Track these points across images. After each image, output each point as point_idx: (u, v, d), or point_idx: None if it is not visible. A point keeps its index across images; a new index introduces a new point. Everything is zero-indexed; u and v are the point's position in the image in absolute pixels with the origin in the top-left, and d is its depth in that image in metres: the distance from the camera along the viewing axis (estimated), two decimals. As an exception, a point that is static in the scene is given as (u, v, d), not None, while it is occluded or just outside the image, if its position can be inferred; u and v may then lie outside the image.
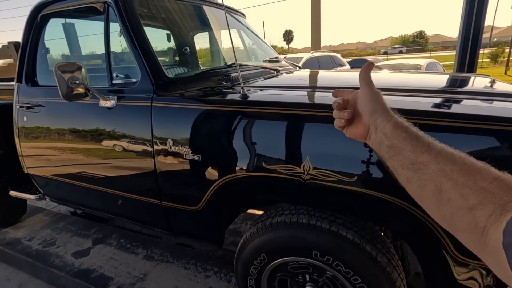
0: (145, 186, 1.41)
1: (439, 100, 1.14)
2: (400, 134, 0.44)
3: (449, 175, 0.37)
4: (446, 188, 0.37)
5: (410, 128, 0.45)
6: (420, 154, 0.41)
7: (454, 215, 0.36)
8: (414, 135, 0.43)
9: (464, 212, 0.35)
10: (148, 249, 2.13)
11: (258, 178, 1.10)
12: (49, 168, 1.78)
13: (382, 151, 0.47)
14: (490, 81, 1.57)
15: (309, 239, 1.07)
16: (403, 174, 0.43)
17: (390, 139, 0.45)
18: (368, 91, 0.51)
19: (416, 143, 0.42)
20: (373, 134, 0.49)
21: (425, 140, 0.42)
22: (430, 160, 0.39)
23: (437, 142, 0.42)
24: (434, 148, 0.40)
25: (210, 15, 2.13)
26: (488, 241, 0.33)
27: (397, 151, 0.43)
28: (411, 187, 0.42)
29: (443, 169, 0.38)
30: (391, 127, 0.45)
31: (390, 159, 0.45)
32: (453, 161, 0.38)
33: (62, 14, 1.78)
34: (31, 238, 2.36)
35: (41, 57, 1.78)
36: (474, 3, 2.86)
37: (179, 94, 1.33)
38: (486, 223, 0.33)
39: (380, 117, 0.48)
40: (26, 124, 1.76)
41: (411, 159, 0.41)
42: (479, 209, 0.34)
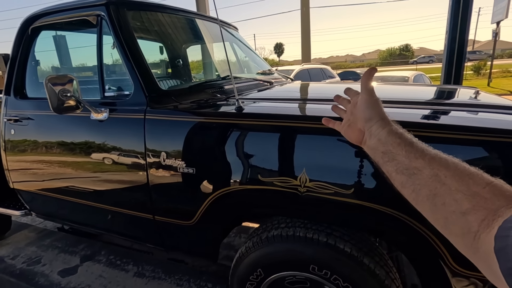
0: (138, 200, 1.38)
1: (428, 111, 1.16)
2: (394, 140, 0.45)
3: (443, 181, 0.38)
4: (440, 193, 0.37)
5: (404, 135, 0.46)
6: (414, 159, 0.41)
7: (448, 220, 0.37)
8: (408, 141, 0.44)
9: (458, 217, 0.35)
10: (139, 266, 2.06)
11: (254, 191, 1.09)
12: (37, 182, 1.72)
13: (377, 157, 0.48)
14: (477, 93, 1.61)
15: (306, 253, 1.06)
16: (397, 179, 0.44)
17: (385, 145, 0.46)
18: (366, 98, 0.53)
19: (410, 149, 0.43)
20: (368, 139, 0.50)
21: (419, 146, 0.43)
22: (424, 165, 0.40)
23: (431, 148, 0.43)
24: (428, 154, 0.41)
25: (202, 28, 2.15)
26: (480, 246, 0.33)
27: (391, 156, 0.45)
28: (406, 191, 0.43)
29: (437, 174, 0.38)
30: (386, 134, 0.47)
31: (384, 164, 0.46)
32: (447, 166, 0.39)
33: (54, 27, 1.76)
34: (14, 256, 2.26)
35: (31, 70, 1.75)
36: (458, 18, 2.98)
37: (172, 106, 1.32)
38: (479, 228, 0.33)
39: (375, 124, 0.50)
40: (13, 138, 1.71)
41: (405, 164, 0.42)
42: (472, 214, 0.34)
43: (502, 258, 0.30)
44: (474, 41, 30.32)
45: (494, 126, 0.89)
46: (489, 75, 15.63)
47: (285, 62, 57.81)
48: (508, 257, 0.30)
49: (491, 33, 16.40)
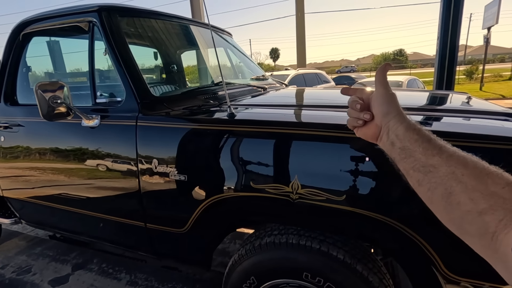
0: (129, 207, 1.36)
1: (421, 117, 1.17)
2: (412, 136, 0.44)
3: (460, 179, 0.36)
4: (456, 191, 0.36)
5: (422, 131, 0.45)
6: (431, 156, 0.41)
7: (463, 219, 0.36)
8: (426, 138, 0.43)
9: (474, 217, 0.34)
10: (131, 274, 2.03)
11: (246, 198, 1.08)
12: (27, 190, 1.69)
13: (394, 153, 0.47)
14: (468, 99, 1.63)
15: (299, 260, 1.05)
16: (414, 176, 0.42)
17: (402, 141, 0.45)
18: (383, 92, 0.51)
19: (428, 146, 0.42)
20: (385, 135, 0.49)
21: (437, 143, 0.42)
22: (441, 163, 0.39)
23: (449, 146, 0.42)
24: (446, 151, 0.40)
25: (196, 34, 2.15)
26: (498, 247, 0.32)
27: (408, 153, 0.44)
28: (422, 189, 0.42)
29: (453, 172, 0.37)
30: (404, 129, 0.46)
31: (401, 161, 0.45)
32: (465, 164, 0.37)
33: (45, 33, 1.75)
34: (4, 266, 2.21)
35: (22, 76, 1.73)
36: (448, 24, 3.04)
37: (165, 113, 1.31)
38: (496, 228, 0.32)
39: (393, 119, 0.48)
40: (3, 145, 1.68)
41: (422, 161, 0.41)
42: (489, 214, 0.33)
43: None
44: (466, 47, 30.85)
45: (485, 132, 0.89)
46: (481, 79, 15.88)
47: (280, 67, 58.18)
48: None
49: (483, 38, 16.72)
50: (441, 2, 3.06)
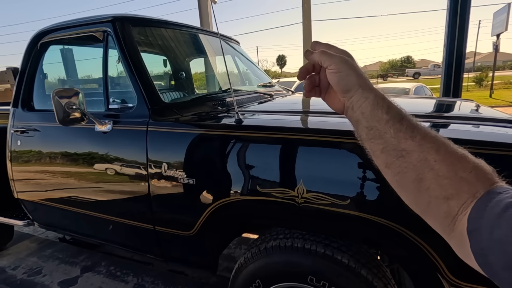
0: (139, 210, 1.40)
1: (428, 124, 1.18)
2: (381, 116, 0.40)
3: (432, 165, 0.36)
4: (427, 178, 0.36)
5: (392, 108, 0.41)
6: (403, 140, 0.38)
7: (430, 203, 0.36)
8: (398, 117, 0.40)
9: (441, 202, 0.35)
10: (139, 277, 2.05)
11: (253, 202, 1.10)
12: (41, 192, 1.75)
13: (360, 131, 0.43)
14: (475, 106, 1.64)
15: (304, 264, 1.06)
16: (382, 158, 0.40)
17: (369, 120, 0.41)
18: (334, 68, 0.43)
19: (400, 127, 0.39)
20: (350, 110, 0.44)
21: (409, 123, 0.39)
22: (413, 147, 0.38)
23: (421, 124, 0.40)
24: (418, 133, 0.38)
25: (205, 42, 2.21)
26: (456, 227, 0.34)
27: (377, 134, 0.40)
28: (389, 172, 0.40)
29: (426, 158, 0.37)
30: (370, 107, 0.41)
31: (368, 141, 0.42)
32: (437, 149, 0.37)
33: (62, 42, 1.83)
34: (16, 267, 2.26)
35: (38, 83, 1.81)
36: (455, 32, 3.04)
37: (174, 119, 1.36)
38: (458, 211, 0.34)
39: (355, 94, 0.43)
40: (19, 148, 1.75)
41: (393, 144, 0.39)
42: (455, 199, 0.34)
43: (474, 239, 0.31)
44: (475, 53, 30.53)
45: (493, 139, 0.90)
46: (491, 86, 15.68)
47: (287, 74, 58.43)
48: (480, 238, 0.31)
49: (492, 45, 16.56)
50: (447, 10, 3.07)
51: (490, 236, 0.29)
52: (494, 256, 0.29)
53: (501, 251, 0.28)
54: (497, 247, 0.28)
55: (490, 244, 0.29)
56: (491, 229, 0.29)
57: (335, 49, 0.46)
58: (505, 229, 0.28)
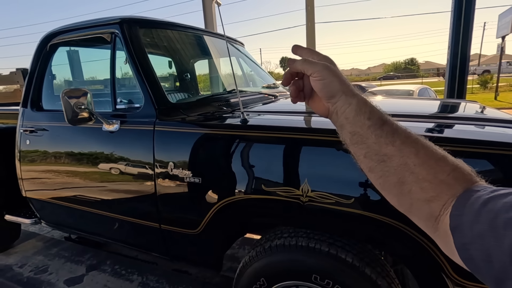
0: (145, 209, 1.42)
1: (433, 124, 1.19)
2: (363, 121, 0.42)
3: (412, 169, 0.38)
4: (408, 181, 0.38)
5: (374, 113, 0.42)
6: (384, 145, 0.40)
7: (413, 205, 0.39)
8: (379, 123, 0.41)
9: (422, 204, 0.37)
10: (143, 276, 2.07)
11: (258, 201, 1.12)
12: (48, 191, 1.78)
13: (344, 136, 0.45)
14: (479, 107, 1.64)
15: (309, 262, 1.07)
16: (365, 163, 0.43)
17: (353, 125, 0.43)
18: (318, 76, 0.44)
19: (381, 133, 0.41)
20: (334, 115, 0.46)
21: (390, 128, 0.41)
22: (394, 152, 0.39)
23: (402, 128, 0.41)
24: (398, 138, 0.40)
25: (210, 44, 2.24)
26: (439, 226, 0.36)
27: (360, 139, 0.42)
28: (373, 176, 0.42)
29: (406, 163, 0.38)
30: (354, 113, 0.43)
31: (352, 146, 0.44)
32: (416, 153, 0.38)
33: (71, 43, 1.87)
34: (22, 265, 2.29)
35: (47, 83, 1.84)
36: (459, 34, 3.04)
37: (180, 118, 1.38)
38: (440, 212, 0.36)
39: (339, 101, 0.44)
40: (28, 148, 1.78)
41: (375, 149, 0.41)
42: (436, 201, 0.36)
43: (456, 235, 0.33)
44: (480, 56, 30.35)
45: (497, 139, 0.91)
46: (496, 88, 15.56)
47: (290, 76, 58.28)
48: (462, 234, 0.32)
49: (497, 47, 16.45)
50: (451, 12, 3.08)
51: (471, 231, 0.31)
52: (475, 250, 0.30)
53: (480, 245, 0.29)
54: (477, 241, 0.30)
55: (471, 239, 0.31)
56: (471, 224, 0.31)
57: (317, 55, 0.48)
58: (483, 224, 0.30)
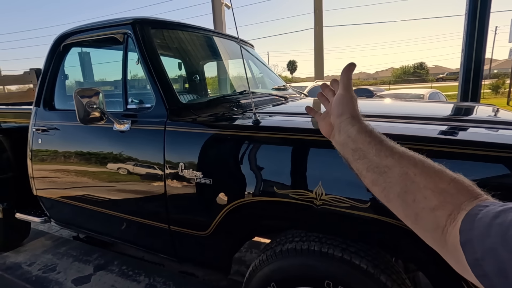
0: (154, 209, 1.41)
1: (446, 127, 1.15)
2: (364, 138, 0.46)
3: (412, 178, 0.39)
4: (410, 190, 0.39)
5: (374, 132, 0.47)
6: (384, 158, 0.43)
7: (419, 216, 0.39)
8: (378, 139, 0.45)
9: (427, 213, 0.37)
10: (150, 277, 2.06)
11: (269, 203, 1.10)
12: (59, 190, 1.79)
13: (346, 153, 0.49)
14: (496, 110, 1.59)
15: (321, 268, 1.04)
16: (368, 177, 0.44)
17: (355, 142, 0.47)
18: (342, 94, 0.53)
19: (380, 147, 0.44)
20: (337, 134, 0.51)
21: (388, 144, 0.44)
22: (394, 163, 0.41)
23: (398, 146, 0.44)
24: (397, 152, 0.43)
25: (220, 46, 2.24)
26: (447, 239, 0.35)
27: (361, 154, 0.45)
28: (377, 189, 0.44)
29: (406, 172, 0.40)
30: (356, 131, 0.47)
31: (354, 162, 0.47)
32: (415, 164, 0.40)
33: (84, 44, 1.88)
34: (31, 263, 2.31)
35: (60, 83, 1.86)
36: (474, 36, 2.98)
37: (191, 119, 1.37)
38: (446, 223, 0.36)
39: (345, 120, 0.50)
40: (40, 147, 1.80)
41: (376, 162, 0.43)
42: (440, 210, 0.36)
43: (468, 251, 0.32)
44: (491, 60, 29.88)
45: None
46: (508, 93, 15.25)
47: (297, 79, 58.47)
48: (473, 249, 0.31)
49: (509, 52, 16.15)
50: (465, 15, 3.02)
51: (482, 245, 0.30)
52: (489, 266, 0.29)
53: (494, 259, 0.29)
54: (490, 256, 0.29)
55: (483, 254, 0.30)
56: (482, 238, 0.30)
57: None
58: (494, 237, 0.29)
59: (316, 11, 13.64)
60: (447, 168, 0.40)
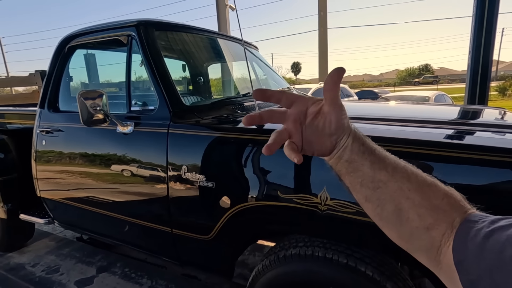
0: (157, 212, 1.40)
1: (452, 131, 1.13)
2: (358, 148, 0.41)
3: (407, 195, 0.37)
4: (405, 208, 0.37)
5: (366, 140, 0.42)
6: (378, 171, 0.39)
7: (413, 235, 0.37)
8: (371, 149, 0.41)
9: (422, 232, 0.36)
10: (153, 280, 2.05)
11: (273, 208, 1.08)
12: (62, 191, 1.79)
13: (340, 166, 0.42)
14: (503, 113, 1.56)
15: (325, 274, 1.02)
16: (361, 192, 0.40)
17: (351, 152, 0.41)
18: (336, 113, 0.41)
19: (374, 159, 0.40)
20: (340, 151, 0.42)
21: (381, 154, 0.40)
22: (388, 178, 0.38)
23: (389, 154, 0.40)
24: (390, 164, 0.39)
25: (224, 47, 2.23)
26: (442, 259, 0.35)
27: (355, 167, 0.40)
28: (370, 206, 0.40)
29: (401, 188, 0.37)
30: (351, 140, 0.41)
31: (347, 175, 0.41)
32: (408, 178, 0.38)
33: (88, 46, 1.89)
34: (35, 264, 2.32)
35: (64, 85, 1.87)
36: (481, 38, 2.94)
37: (195, 121, 1.36)
38: (441, 242, 0.34)
39: (345, 134, 0.42)
40: (44, 148, 1.80)
41: (370, 176, 0.39)
42: (435, 229, 0.35)
43: (462, 271, 0.31)
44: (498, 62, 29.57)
45: None
46: (516, 96, 15.05)
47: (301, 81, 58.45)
48: (467, 270, 0.31)
49: (516, 53, 15.92)
50: (473, 16, 2.98)
51: (477, 267, 0.30)
52: (483, 287, 0.29)
53: (490, 282, 0.28)
54: (485, 279, 0.29)
55: (478, 276, 0.29)
56: (476, 260, 0.30)
57: None
58: (490, 260, 0.29)
59: (321, 13, 13.64)
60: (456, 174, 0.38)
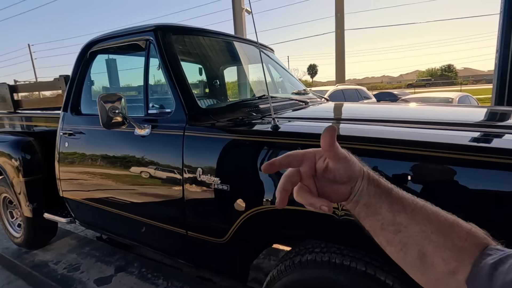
0: (173, 214, 1.41)
1: (479, 134, 1.07)
2: (375, 190, 0.40)
3: (430, 237, 0.36)
4: (428, 252, 0.35)
5: (381, 182, 0.41)
6: (397, 213, 0.38)
7: (439, 281, 0.35)
8: (387, 190, 0.40)
9: (448, 278, 0.34)
10: (168, 281, 2.07)
11: (288, 212, 1.06)
12: (83, 192, 1.85)
13: (358, 209, 0.41)
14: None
15: (342, 282, 0.99)
16: (383, 236, 0.39)
17: (368, 196, 0.40)
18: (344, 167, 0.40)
19: (391, 201, 0.39)
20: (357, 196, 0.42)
21: (398, 194, 0.39)
22: (408, 220, 0.37)
23: (405, 193, 0.39)
24: (408, 205, 0.38)
25: (240, 50, 2.24)
26: None
27: (374, 210, 0.39)
28: (392, 249, 0.39)
29: (423, 230, 0.36)
30: (367, 183, 0.41)
31: (367, 219, 0.40)
32: (429, 218, 0.36)
33: (108, 51, 1.95)
34: (57, 262, 2.40)
35: (86, 89, 1.94)
36: (510, 36, 2.78)
37: (210, 124, 1.36)
38: (465, 286, 0.33)
39: (358, 180, 0.41)
40: (66, 150, 1.87)
41: (389, 219, 0.38)
42: (461, 273, 0.34)
43: None
44: (527, 61, 27.94)
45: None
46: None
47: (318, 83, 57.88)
48: None
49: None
50: (500, 13, 2.83)
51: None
52: None
53: None
54: None
55: None
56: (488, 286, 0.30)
57: None
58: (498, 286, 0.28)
59: (338, 14, 13.48)
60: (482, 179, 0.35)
